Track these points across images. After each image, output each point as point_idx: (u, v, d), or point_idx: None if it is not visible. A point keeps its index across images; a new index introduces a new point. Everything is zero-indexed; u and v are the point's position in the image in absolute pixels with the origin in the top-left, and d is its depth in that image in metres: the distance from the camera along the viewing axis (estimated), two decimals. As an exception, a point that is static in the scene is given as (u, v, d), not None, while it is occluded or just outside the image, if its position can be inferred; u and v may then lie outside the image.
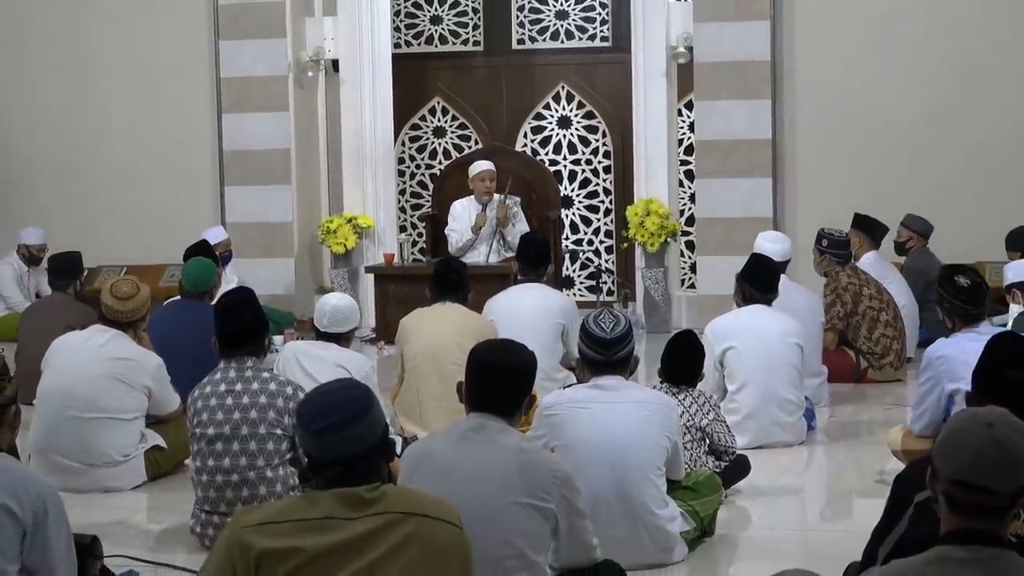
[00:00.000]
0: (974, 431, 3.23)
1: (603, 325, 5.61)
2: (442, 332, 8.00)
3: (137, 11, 13.68)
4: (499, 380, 4.50)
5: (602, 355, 5.63)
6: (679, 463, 5.85)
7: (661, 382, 6.67)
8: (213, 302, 8.59)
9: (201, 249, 9.52)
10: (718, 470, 6.50)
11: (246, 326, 6.21)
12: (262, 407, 6.04)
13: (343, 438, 3.48)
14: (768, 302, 8.06)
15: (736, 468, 6.71)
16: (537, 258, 9.24)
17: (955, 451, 3.23)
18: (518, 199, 12.41)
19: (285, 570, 3.41)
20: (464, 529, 3.57)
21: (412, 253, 13.75)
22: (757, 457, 7.13)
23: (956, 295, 6.59)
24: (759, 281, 8.06)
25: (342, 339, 7.28)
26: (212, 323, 8.12)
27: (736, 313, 8.10)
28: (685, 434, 6.28)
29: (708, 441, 6.57)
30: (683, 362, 6.69)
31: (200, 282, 8.52)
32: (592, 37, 14.21)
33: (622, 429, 5.53)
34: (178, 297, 8.80)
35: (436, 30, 14.56)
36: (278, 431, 6.05)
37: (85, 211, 13.69)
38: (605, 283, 13.54)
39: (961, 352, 6.44)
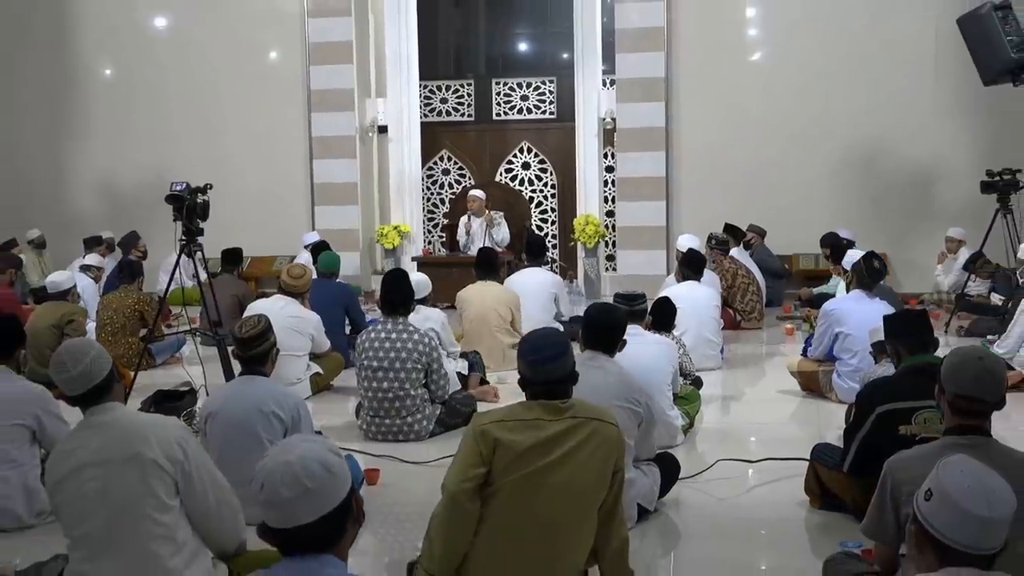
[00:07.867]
0: (971, 362, 3.15)
1: (628, 292, 5.52)
2: (487, 301, 7.90)
3: (259, 97, 13.32)
4: (603, 329, 4.34)
5: (628, 307, 5.53)
6: (678, 382, 5.76)
7: (649, 329, 6.55)
8: (336, 279, 8.42)
9: (325, 245, 9.28)
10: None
11: (402, 296, 5.99)
12: (407, 350, 5.84)
13: (549, 368, 3.33)
14: (698, 279, 7.99)
15: (695, 385, 6.62)
16: (538, 251, 9.17)
17: (959, 375, 3.15)
18: (502, 213, 12.19)
19: (513, 453, 3.25)
20: (619, 428, 3.43)
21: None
22: (696, 377, 7.01)
23: (867, 272, 6.48)
24: (694, 266, 7.98)
25: (424, 302, 7.06)
26: (338, 293, 8.01)
27: (679, 286, 7.99)
28: (669, 363, 6.16)
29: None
30: (665, 315, 6.58)
31: (331, 266, 8.28)
32: (543, 112, 14.05)
33: (645, 360, 5.39)
34: (315, 276, 8.50)
35: (444, 107, 14.31)
36: (418, 366, 5.86)
37: (223, 223, 13.19)
38: (553, 268, 13.43)
39: (846, 307, 6.40)
